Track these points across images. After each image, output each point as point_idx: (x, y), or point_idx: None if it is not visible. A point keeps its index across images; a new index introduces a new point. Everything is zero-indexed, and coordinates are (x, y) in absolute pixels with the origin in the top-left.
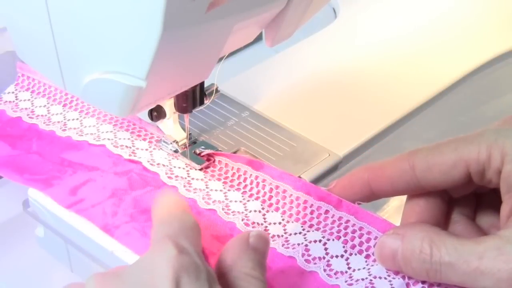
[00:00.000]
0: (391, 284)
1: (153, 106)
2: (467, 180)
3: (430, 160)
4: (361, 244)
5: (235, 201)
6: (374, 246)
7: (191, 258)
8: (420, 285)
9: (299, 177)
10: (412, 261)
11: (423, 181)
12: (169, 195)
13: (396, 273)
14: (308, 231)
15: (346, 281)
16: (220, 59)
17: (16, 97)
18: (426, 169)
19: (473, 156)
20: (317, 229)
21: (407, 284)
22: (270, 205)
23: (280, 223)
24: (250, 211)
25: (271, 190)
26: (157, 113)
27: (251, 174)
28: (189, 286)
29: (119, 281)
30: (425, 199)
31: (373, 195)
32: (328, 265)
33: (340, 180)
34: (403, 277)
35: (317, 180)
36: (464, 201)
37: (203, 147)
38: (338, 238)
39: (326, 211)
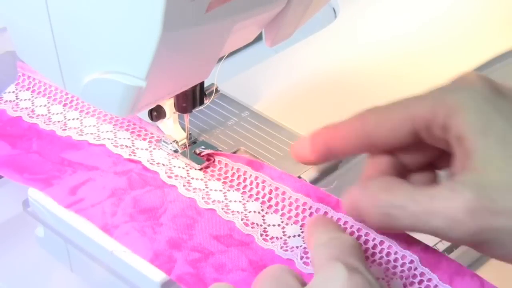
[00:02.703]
0: (389, 285)
1: (153, 106)
2: (415, 137)
3: (380, 117)
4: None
5: (235, 201)
6: (372, 248)
7: (364, 277)
8: (416, 285)
9: (299, 177)
10: (368, 207)
11: (373, 138)
12: (320, 216)
13: (394, 273)
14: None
15: None
16: (220, 59)
17: (16, 96)
18: (376, 126)
19: (419, 113)
20: None
21: (404, 285)
22: (270, 206)
23: (279, 225)
24: (250, 212)
25: (270, 191)
26: (157, 113)
27: (250, 175)
28: None
29: None
30: (381, 172)
31: (331, 155)
32: None
33: (300, 140)
34: (401, 277)
35: (317, 180)
36: (421, 173)
37: (203, 147)
38: None
39: (325, 213)
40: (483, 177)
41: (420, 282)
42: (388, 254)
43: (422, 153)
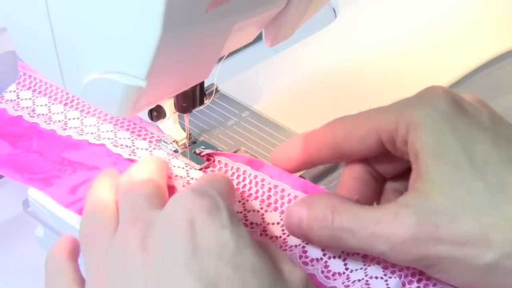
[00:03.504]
0: (387, 284)
1: (153, 106)
2: (383, 149)
3: (348, 128)
4: None
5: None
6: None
7: (209, 199)
8: (415, 284)
9: (300, 176)
10: (315, 228)
11: (343, 148)
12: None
13: (393, 272)
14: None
15: (343, 283)
16: (220, 59)
17: (17, 96)
18: (345, 137)
19: (384, 126)
20: None
21: (403, 283)
22: (269, 204)
23: (278, 223)
24: (249, 211)
25: (269, 189)
26: (157, 113)
27: (250, 174)
28: (205, 225)
29: (147, 224)
30: (356, 179)
31: (304, 164)
32: (326, 267)
33: (278, 148)
34: (399, 276)
35: (317, 179)
36: (397, 180)
37: (203, 147)
38: None
39: None
40: (427, 201)
41: (419, 280)
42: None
43: (394, 163)
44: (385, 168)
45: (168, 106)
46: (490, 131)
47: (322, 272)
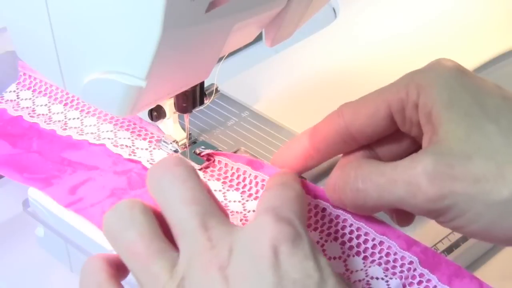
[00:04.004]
0: (388, 285)
1: (153, 106)
2: (391, 123)
3: (356, 107)
4: (359, 245)
5: (234, 201)
6: (371, 248)
7: (292, 227)
8: (416, 286)
9: (300, 176)
10: (342, 187)
11: (352, 129)
12: (284, 171)
13: (393, 273)
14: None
15: None
16: (220, 59)
17: (17, 96)
18: (353, 116)
19: (393, 96)
20: (315, 229)
21: (404, 285)
22: None
23: None
24: (249, 211)
25: None
26: (157, 113)
27: (250, 174)
28: (290, 254)
29: (228, 251)
30: (355, 159)
31: (312, 158)
32: None
33: (282, 148)
34: (400, 278)
35: (317, 179)
36: None
37: (203, 147)
38: (336, 239)
39: (323, 209)
40: (443, 146)
41: (419, 283)
42: (387, 254)
43: (397, 144)
44: (388, 151)
45: (168, 106)
46: (497, 90)
47: None
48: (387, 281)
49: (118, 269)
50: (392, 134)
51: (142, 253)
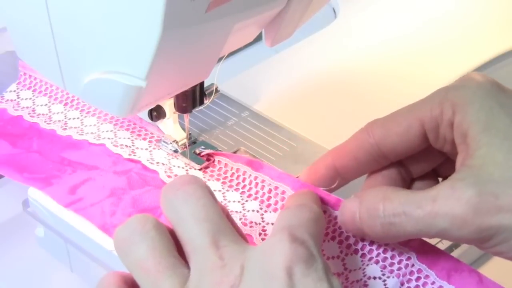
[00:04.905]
0: (385, 284)
1: (153, 106)
2: (424, 141)
3: (386, 125)
4: (356, 243)
5: (233, 201)
6: (369, 245)
7: (306, 249)
8: (414, 283)
9: (299, 177)
10: (367, 219)
11: (383, 147)
12: (304, 191)
13: (391, 271)
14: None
15: (342, 283)
16: (220, 59)
17: (17, 95)
18: (384, 134)
19: (427, 114)
20: None
21: (401, 283)
22: (269, 205)
23: None
24: (248, 211)
25: (270, 190)
26: (157, 113)
27: (250, 174)
28: (303, 276)
29: (239, 270)
30: (383, 177)
31: (339, 177)
32: None
33: (307, 168)
34: (398, 275)
35: None
36: (423, 180)
37: (203, 147)
38: (333, 238)
39: (324, 212)
40: (483, 173)
41: (418, 279)
42: (385, 250)
43: (427, 160)
44: (416, 167)
45: (168, 106)
46: None
47: None
48: (384, 280)
49: (133, 286)
50: (422, 149)
51: (153, 269)
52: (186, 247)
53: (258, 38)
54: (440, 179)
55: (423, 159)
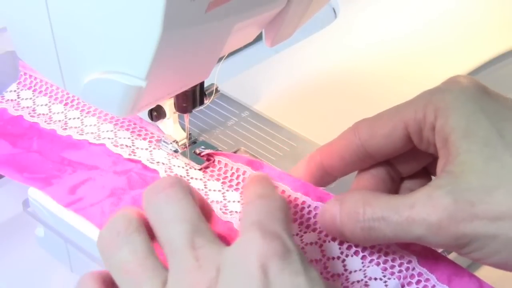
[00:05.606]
0: (386, 285)
1: (153, 106)
2: (408, 143)
3: (372, 126)
4: (357, 245)
5: (233, 201)
6: (370, 247)
7: (280, 242)
8: (414, 286)
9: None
10: (348, 223)
11: (368, 147)
12: (258, 175)
13: (392, 273)
14: (305, 232)
15: (342, 284)
16: (220, 59)
17: (18, 95)
18: (369, 135)
19: (411, 116)
20: (314, 230)
21: (402, 285)
22: None
23: None
24: None
25: None
26: (157, 113)
27: (250, 174)
28: (279, 271)
29: (215, 271)
30: (372, 176)
31: (327, 175)
32: (325, 268)
33: (297, 165)
34: (398, 277)
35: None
36: (414, 179)
37: (203, 147)
38: (334, 239)
39: None
40: (461, 180)
41: (418, 282)
42: (386, 253)
43: (415, 160)
44: (405, 166)
45: (168, 106)
46: None
47: (321, 273)
48: (385, 282)
49: (113, 286)
50: (409, 150)
51: (134, 271)
52: (165, 249)
53: (258, 38)
54: (433, 177)
55: (411, 159)
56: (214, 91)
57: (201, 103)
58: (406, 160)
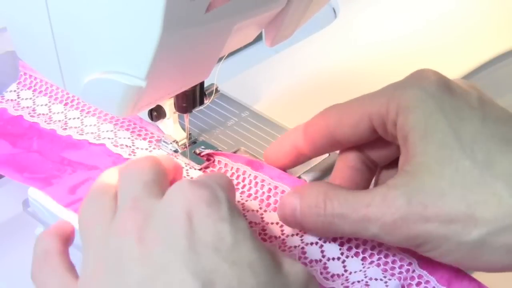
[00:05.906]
0: (387, 286)
1: (153, 106)
2: (375, 134)
3: (340, 115)
4: (357, 246)
5: None
6: (370, 249)
7: (209, 190)
8: (414, 287)
9: (299, 177)
10: (308, 216)
11: (337, 135)
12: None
13: (392, 274)
14: (305, 232)
15: (342, 284)
16: (220, 59)
17: (18, 95)
18: (338, 123)
19: (375, 110)
20: None
21: (402, 286)
22: (268, 205)
23: (277, 223)
24: (248, 211)
25: (269, 190)
26: (157, 113)
27: (250, 174)
28: (204, 216)
29: (145, 214)
30: (347, 167)
31: (301, 155)
32: (325, 268)
33: (272, 145)
34: (399, 279)
35: (317, 180)
36: (391, 168)
37: (203, 147)
38: (335, 240)
39: None
40: (416, 181)
41: (418, 284)
42: (386, 255)
43: (387, 149)
44: (379, 155)
45: (168, 106)
46: (478, 110)
47: (321, 273)
48: (385, 282)
49: (68, 238)
50: (380, 138)
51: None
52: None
53: (258, 38)
54: None
55: (384, 149)
56: (214, 91)
57: (201, 103)
58: (380, 150)
